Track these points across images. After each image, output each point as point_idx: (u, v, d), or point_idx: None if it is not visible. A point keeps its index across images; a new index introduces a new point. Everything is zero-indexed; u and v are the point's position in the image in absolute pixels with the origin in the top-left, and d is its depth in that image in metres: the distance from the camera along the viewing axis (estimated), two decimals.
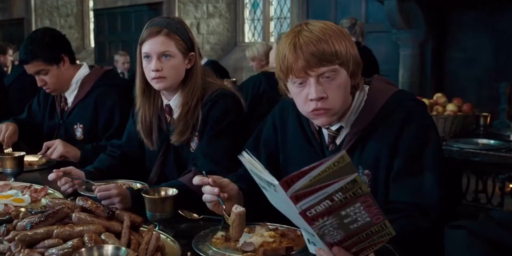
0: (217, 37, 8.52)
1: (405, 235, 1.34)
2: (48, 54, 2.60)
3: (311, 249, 1.26)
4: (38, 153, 2.51)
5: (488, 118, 3.66)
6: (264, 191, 1.22)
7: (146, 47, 2.04)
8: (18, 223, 1.36)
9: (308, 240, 1.26)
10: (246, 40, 8.47)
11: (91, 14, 10.84)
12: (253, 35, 8.42)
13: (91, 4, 10.95)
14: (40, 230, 1.30)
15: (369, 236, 1.13)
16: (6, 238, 1.32)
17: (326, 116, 1.53)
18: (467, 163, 3.15)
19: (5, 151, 2.49)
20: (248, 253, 1.39)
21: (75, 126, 2.71)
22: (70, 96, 2.75)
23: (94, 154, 2.40)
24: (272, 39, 7.88)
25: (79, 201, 1.41)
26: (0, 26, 11.79)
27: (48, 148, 2.47)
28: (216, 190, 1.54)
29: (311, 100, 1.49)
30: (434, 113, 3.45)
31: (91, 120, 2.69)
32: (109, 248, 1.14)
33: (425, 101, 3.57)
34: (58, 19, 11.51)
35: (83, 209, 1.38)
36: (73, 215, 1.34)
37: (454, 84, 5.49)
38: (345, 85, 1.52)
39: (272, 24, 8.07)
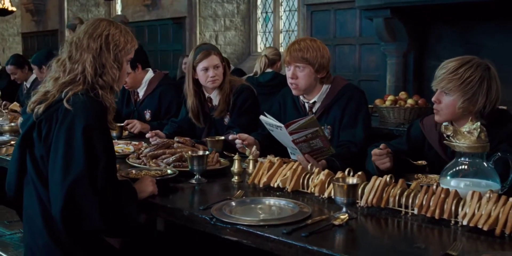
0: (233, 47, 8.95)
1: (344, 155, 2.57)
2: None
3: (292, 157, 2.48)
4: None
5: None
6: (272, 132, 2.44)
7: (205, 63, 3.14)
8: (145, 150, 2.59)
9: (291, 153, 2.48)
10: (259, 50, 8.72)
11: None
12: (265, 45, 8.62)
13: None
14: (159, 151, 2.53)
15: (322, 152, 2.37)
16: (141, 156, 2.55)
17: (295, 90, 2.75)
18: None
19: None
20: None
21: (145, 111, 3.91)
22: (141, 91, 3.94)
23: (159, 128, 3.50)
24: (281, 50, 7.86)
25: (176, 138, 2.65)
26: (36, 36, 12.57)
27: (127, 124, 3.63)
28: (240, 141, 2.71)
29: (289, 77, 2.70)
30: (398, 105, 4.45)
31: (156, 107, 3.87)
32: (200, 151, 2.35)
33: (391, 97, 4.60)
34: None
35: (179, 142, 2.61)
36: (174, 144, 2.58)
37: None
38: (309, 75, 2.68)
39: (281, 36, 8.45)
